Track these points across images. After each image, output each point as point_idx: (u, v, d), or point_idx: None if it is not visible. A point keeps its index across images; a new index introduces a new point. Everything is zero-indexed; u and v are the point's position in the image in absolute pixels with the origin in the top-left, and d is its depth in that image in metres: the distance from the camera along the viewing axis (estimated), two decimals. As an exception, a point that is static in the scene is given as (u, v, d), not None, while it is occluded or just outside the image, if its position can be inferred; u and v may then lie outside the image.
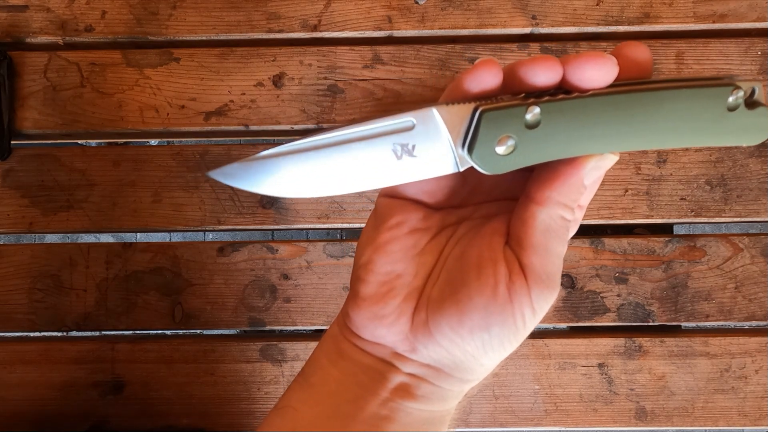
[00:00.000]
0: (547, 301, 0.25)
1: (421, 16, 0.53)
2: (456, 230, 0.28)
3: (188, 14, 0.53)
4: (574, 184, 0.24)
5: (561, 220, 0.24)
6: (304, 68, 0.53)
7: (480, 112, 0.23)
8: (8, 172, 0.53)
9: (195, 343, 0.52)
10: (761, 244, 0.51)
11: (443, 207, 0.28)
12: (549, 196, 0.24)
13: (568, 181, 0.24)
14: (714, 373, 0.51)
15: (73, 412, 0.51)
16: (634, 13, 0.52)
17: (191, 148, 0.53)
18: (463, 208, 0.28)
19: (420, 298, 0.26)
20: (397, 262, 0.27)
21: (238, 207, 0.52)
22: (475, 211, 0.28)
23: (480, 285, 0.25)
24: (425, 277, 0.27)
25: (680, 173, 0.52)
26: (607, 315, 0.51)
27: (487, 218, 0.28)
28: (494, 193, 0.28)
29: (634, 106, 0.23)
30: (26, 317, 0.52)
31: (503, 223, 0.26)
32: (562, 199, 0.24)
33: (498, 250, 0.25)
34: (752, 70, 0.52)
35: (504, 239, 0.26)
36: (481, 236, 0.26)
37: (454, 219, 0.28)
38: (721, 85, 0.23)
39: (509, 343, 0.25)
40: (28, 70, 0.53)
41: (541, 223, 0.24)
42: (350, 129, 0.24)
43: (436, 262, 0.27)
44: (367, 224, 0.29)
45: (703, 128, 0.24)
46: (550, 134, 0.23)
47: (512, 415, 0.51)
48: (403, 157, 0.24)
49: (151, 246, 0.52)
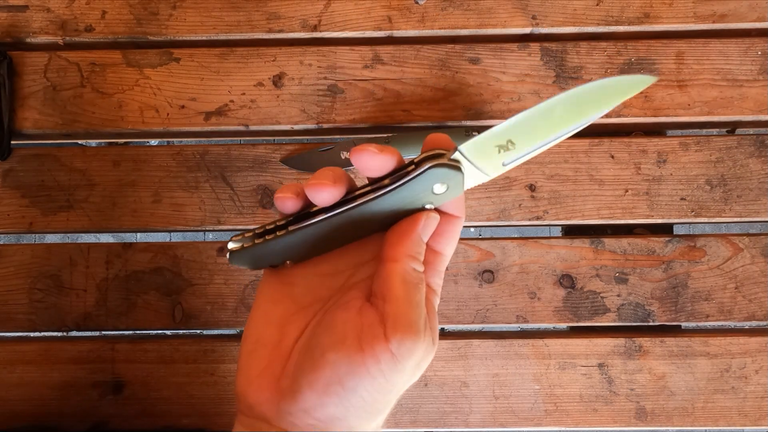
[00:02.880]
0: (409, 349, 0.26)
1: (421, 16, 0.53)
2: (326, 303, 0.30)
3: (188, 14, 0.53)
4: (416, 240, 0.29)
5: (414, 272, 0.28)
6: (304, 68, 0.53)
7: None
8: (8, 172, 0.53)
9: (195, 343, 0.52)
10: (761, 244, 0.51)
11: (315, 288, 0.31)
12: (400, 253, 0.28)
13: (410, 238, 0.28)
14: (714, 373, 0.51)
15: (73, 412, 0.51)
16: (634, 13, 0.52)
17: (191, 148, 0.53)
18: (333, 279, 0.31)
19: (285, 366, 0.28)
20: (262, 331, 0.29)
21: (238, 207, 0.52)
22: (346, 282, 0.31)
23: (332, 342, 0.27)
24: (291, 345, 0.29)
25: (680, 173, 0.52)
26: (607, 315, 0.51)
27: (352, 287, 0.31)
28: (365, 257, 0.31)
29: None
30: (26, 317, 0.52)
31: (361, 290, 0.30)
32: (411, 253, 0.28)
33: (353, 309, 0.28)
34: (752, 70, 0.52)
35: (362, 300, 0.29)
36: (341, 302, 0.29)
37: (325, 292, 0.31)
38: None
39: (371, 396, 0.26)
40: (28, 70, 0.53)
41: (398, 276, 0.28)
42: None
43: (302, 332, 0.29)
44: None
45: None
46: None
47: (512, 415, 0.51)
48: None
49: (151, 246, 0.52)
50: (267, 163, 0.52)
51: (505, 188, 0.52)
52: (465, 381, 0.51)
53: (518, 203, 0.52)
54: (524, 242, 0.52)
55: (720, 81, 0.52)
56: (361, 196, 0.28)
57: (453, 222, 0.30)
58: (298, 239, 0.29)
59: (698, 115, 0.52)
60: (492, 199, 0.52)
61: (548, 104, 0.27)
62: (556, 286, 0.51)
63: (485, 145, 0.28)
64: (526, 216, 0.52)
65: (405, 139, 0.51)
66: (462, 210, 0.31)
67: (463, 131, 0.51)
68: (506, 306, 0.51)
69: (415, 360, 0.27)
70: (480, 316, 0.51)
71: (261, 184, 0.52)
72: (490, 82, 0.52)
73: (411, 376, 0.28)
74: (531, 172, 0.52)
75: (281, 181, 0.52)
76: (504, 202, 0.52)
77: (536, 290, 0.51)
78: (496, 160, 0.28)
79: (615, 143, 0.52)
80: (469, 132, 0.51)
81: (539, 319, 0.51)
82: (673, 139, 0.52)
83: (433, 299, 0.30)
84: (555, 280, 0.51)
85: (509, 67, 0.52)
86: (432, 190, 0.28)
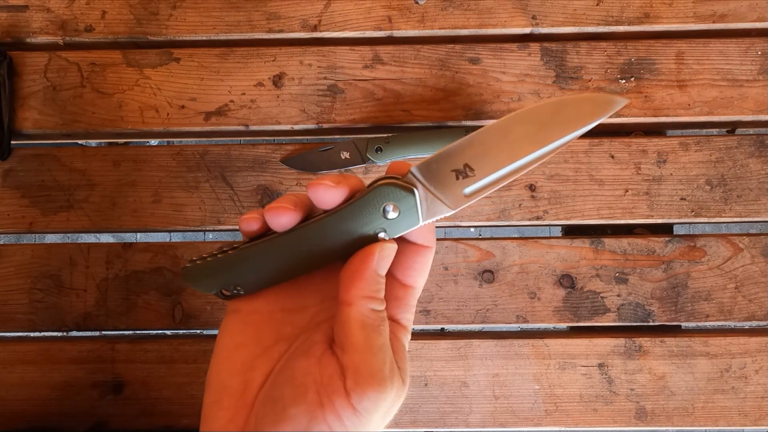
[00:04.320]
0: (373, 401, 0.24)
1: (421, 16, 0.53)
2: (293, 343, 0.28)
3: (188, 14, 0.53)
4: (371, 277, 0.26)
5: (373, 313, 0.26)
6: (304, 68, 0.53)
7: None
8: (8, 172, 0.53)
9: (195, 343, 0.52)
10: (761, 244, 0.51)
11: (279, 317, 0.29)
12: (354, 295, 0.26)
13: (363, 276, 0.26)
14: (714, 373, 0.51)
15: (73, 412, 0.51)
16: (634, 13, 0.52)
17: (191, 148, 0.53)
18: (300, 315, 0.29)
19: (249, 416, 0.26)
20: (226, 379, 0.27)
21: (238, 207, 0.52)
22: (313, 318, 0.29)
23: (293, 395, 0.25)
24: (255, 394, 0.27)
25: (680, 173, 0.52)
26: (607, 315, 0.51)
27: (318, 326, 0.29)
28: (331, 292, 0.29)
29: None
30: (26, 317, 0.52)
31: (324, 332, 0.28)
32: (366, 293, 0.26)
33: (314, 357, 0.26)
34: (752, 70, 0.52)
35: (324, 346, 0.27)
36: (304, 347, 0.27)
37: (290, 330, 0.29)
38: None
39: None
40: (28, 70, 0.53)
41: (355, 322, 0.25)
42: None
43: (266, 378, 0.27)
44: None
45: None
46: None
47: (512, 415, 0.51)
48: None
49: (151, 246, 0.52)
50: (267, 163, 0.52)
51: (505, 188, 0.52)
52: (465, 381, 0.51)
53: (518, 203, 0.52)
54: (524, 242, 0.52)
55: (720, 81, 0.52)
56: (313, 218, 0.27)
57: (423, 253, 0.29)
58: (250, 261, 0.28)
59: (698, 115, 0.52)
60: (492, 199, 0.52)
61: (502, 123, 0.26)
62: (556, 286, 0.51)
63: (438, 167, 0.26)
64: (526, 216, 0.52)
65: (405, 139, 0.51)
66: (432, 240, 0.29)
67: (463, 131, 0.51)
68: (506, 306, 0.51)
69: (383, 410, 0.25)
70: (480, 316, 0.51)
71: (261, 184, 0.52)
72: (490, 82, 0.52)
73: (381, 424, 0.26)
74: (531, 172, 0.52)
75: (281, 181, 0.52)
76: (504, 202, 0.52)
77: (536, 290, 0.51)
78: (455, 188, 0.27)
79: (615, 143, 0.52)
80: (468, 132, 0.50)
81: (539, 319, 0.51)
82: (673, 139, 0.52)
83: (402, 337, 0.28)
84: (555, 280, 0.51)
85: (509, 67, 0.52)
86: (384, 215, 0.27)
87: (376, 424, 0.25)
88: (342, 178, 0.27)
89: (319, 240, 0.27)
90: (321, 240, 0.27)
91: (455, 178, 0.26)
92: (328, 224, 0.27)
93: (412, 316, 0.29)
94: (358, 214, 0.27)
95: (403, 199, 0.26)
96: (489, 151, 0.26)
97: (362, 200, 0.26)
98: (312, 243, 0.27)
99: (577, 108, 0.26)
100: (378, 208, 0.27)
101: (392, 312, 0.29)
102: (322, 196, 0.26)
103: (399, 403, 0.26)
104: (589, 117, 0.26)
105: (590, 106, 0.26)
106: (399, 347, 0.28)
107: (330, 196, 0.26)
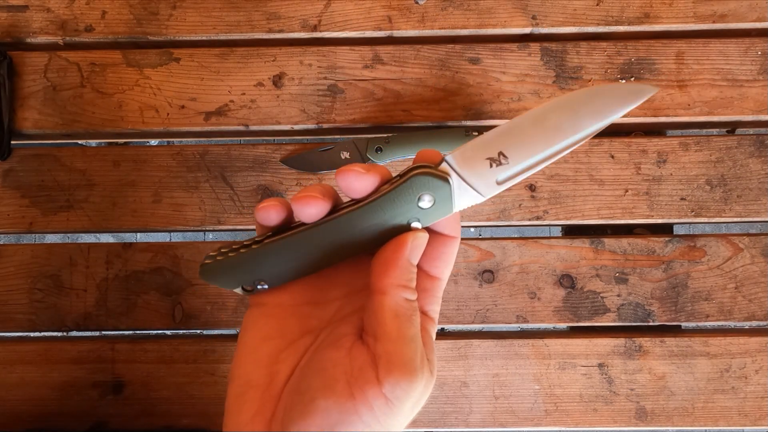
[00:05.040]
0: (405, 390, 0.24)
1: (421, 16, 0.53)
2: (318, 336, 0.28)
3: (188, 14, 0.53)
4: (404, 266, 0.26)
5: (405, 302, 0.26)
6: (304, 68, 0.53)
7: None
8: (8, 172, 0.53)
9: (195, 343, 0.52)
10: (761, 244, 0.51)
11: (301, 311, 0.29)
12: (388, 284, 0.26)
13: (397, 265, 0.26)
14: (714, 373, 0.51)
15: (73, 412, 0.51)
16: (634, 13, 0.52)
17: (191, 148, 0.53)
18: (325, 309, 0.29)
19: (276, 409, 0.26)
20: (251, 372, 0.27)
21: (238, 207, 0.52)
22: (338, 311, 0.29)
23: (322, 386, 0.25)
24: (281, 386, 0.27)
25: (680, 173, 0.52)
26: (607, 315, 0.51)
27: (344, 319, 0.28)
28: (356, 285, 0.29)
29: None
30: (26, 317, 0.52)
31: (352, 324, 0.27)
32: (400, 282, 0.26)
33: (343, 348, 0.26)
34: (752, 70, 0.52)
35: (353, 338, 0.26)
36: (331, 339, 0.27)
37: (315, 323, 0.29)
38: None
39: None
40: (28, 70, 0.53)
41: (389, 311, 0.25)
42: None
43: (292, 371, 0.27)
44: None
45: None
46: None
47: (512, 415, 0.51)
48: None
49: (151, 246, 0.52)
50: (267, 163, 0.52)
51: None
52: (465, 381, 0.51)
53: (518, 203, 0.52)
54: (524, 242, 0.52)
55: (720, 81, 0.52)
56: (343, 209, 0.27)
57: (448, 243, 0.28)
58: (274, 255, 0.27)
59: (698, 115, 0.52)
60: (492, 198, 0.52)
61: (539, 111, 0.26)
62: (556, 286, 0.51)
63: (473, 155, 0.26)
64: (526, 216, 0.52)
65: (405, 139, 0.51)
66: (458, 230, 0.29)
67: (463, 131, 0.51)
68: (506, 306, 0.51)
69: (413, 400, 0.25)
70: (480, 316, 0.51)
71: (261, 184, 0.52)
72: (490, 82, 0.52)
73: (409, 416, 0.26)
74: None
75: (281, 181, 0.52)
76: (504, 202, 0.52)
77: (536, 290, 0.51)
78: (488, 176, 0.26)
79: (615, 143, 0.52)
80: (468, 132, 0.51)
81: (539, 319, 0.51)
82: (673, 139, 0.52)
83: (430, 329, 0.28)
84: (555, 280, 0.51)
85: (509, 67, 0.52)
86: (418, 204, 0.26)
87: (406, 415, 0.25)
88: (371, 166, 0.26)
89: (351, 231, 0.26)
90: (352, 231, 0.27)
91: (489, 166, 0.26)
92: (361, 214, 0.26)
93: (439, 308, 0.29)
94: (393, 204, 0.26)
95: (438, 188, 0.26)
96: (524, 139, 0.26)
97: (398, 189, 0.26)
98: (343, 234, 0.27)
99: (610, 96, 0.26)
100: (413, 197, 0.26)
101: (420, 303, 0.28)
102: (353, 182, 0.26)
103: (427, 394, 0.26)
104: (620, 105, 0.26)
105: (622, 93, 0.26)
106: (427, 339, 0.27)
107: (361, 183, 0.26)
